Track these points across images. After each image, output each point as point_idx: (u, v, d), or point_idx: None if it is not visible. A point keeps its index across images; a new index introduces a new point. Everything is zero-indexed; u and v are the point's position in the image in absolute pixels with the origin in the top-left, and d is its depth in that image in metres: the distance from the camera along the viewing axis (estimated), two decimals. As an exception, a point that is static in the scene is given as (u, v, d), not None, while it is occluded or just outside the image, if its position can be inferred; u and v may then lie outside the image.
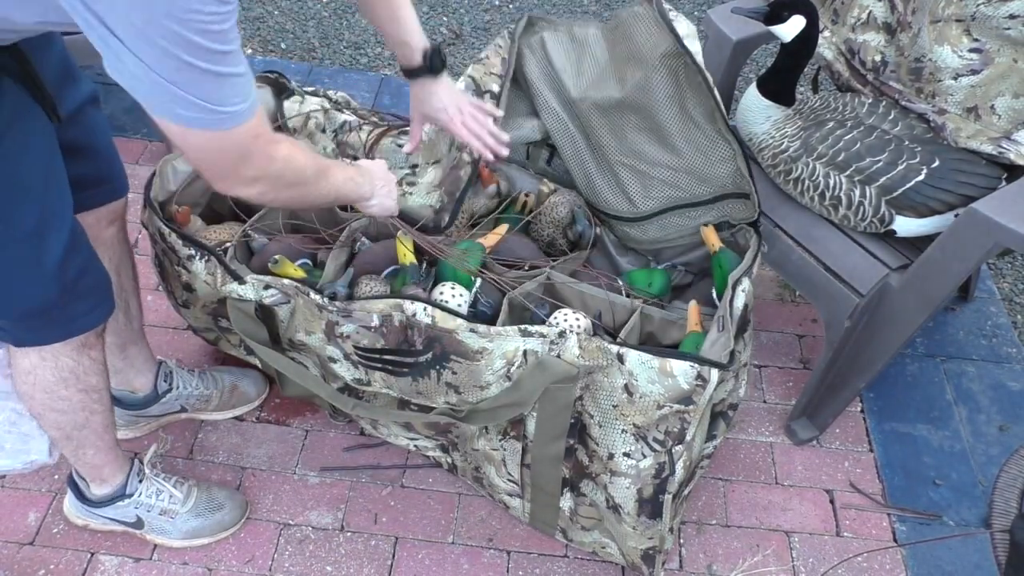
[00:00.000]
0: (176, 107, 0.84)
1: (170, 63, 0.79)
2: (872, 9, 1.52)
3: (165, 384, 1.55)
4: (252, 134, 0.93)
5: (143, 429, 1.58)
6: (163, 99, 0.83)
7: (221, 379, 1.62)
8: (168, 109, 0.84)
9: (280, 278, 1.31)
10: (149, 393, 1.54)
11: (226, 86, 0.85)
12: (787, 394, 1.76)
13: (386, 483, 1.57)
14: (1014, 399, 1.77)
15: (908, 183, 1.38)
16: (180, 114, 0.85)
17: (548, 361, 1.18)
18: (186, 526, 1.42)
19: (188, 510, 1.42)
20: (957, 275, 1.34)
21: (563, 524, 1.43)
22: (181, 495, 1.42)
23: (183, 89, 0.82)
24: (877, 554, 1.51)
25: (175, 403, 1.57)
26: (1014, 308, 1.99)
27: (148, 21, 0.76)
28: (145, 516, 1.40)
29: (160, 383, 1.54)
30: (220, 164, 0.95)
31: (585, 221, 1.51)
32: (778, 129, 1.48)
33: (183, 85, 0.82)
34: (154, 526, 1.41)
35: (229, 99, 0.86)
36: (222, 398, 1.61)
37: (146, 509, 1.40)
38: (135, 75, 0.81)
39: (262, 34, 2.64)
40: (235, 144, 0.92)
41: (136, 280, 1.44)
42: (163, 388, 1.55)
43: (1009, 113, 1.36)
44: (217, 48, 0.81)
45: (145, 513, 1.40)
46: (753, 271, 1.35)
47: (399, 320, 1.23)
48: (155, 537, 1.43)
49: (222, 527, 1.45)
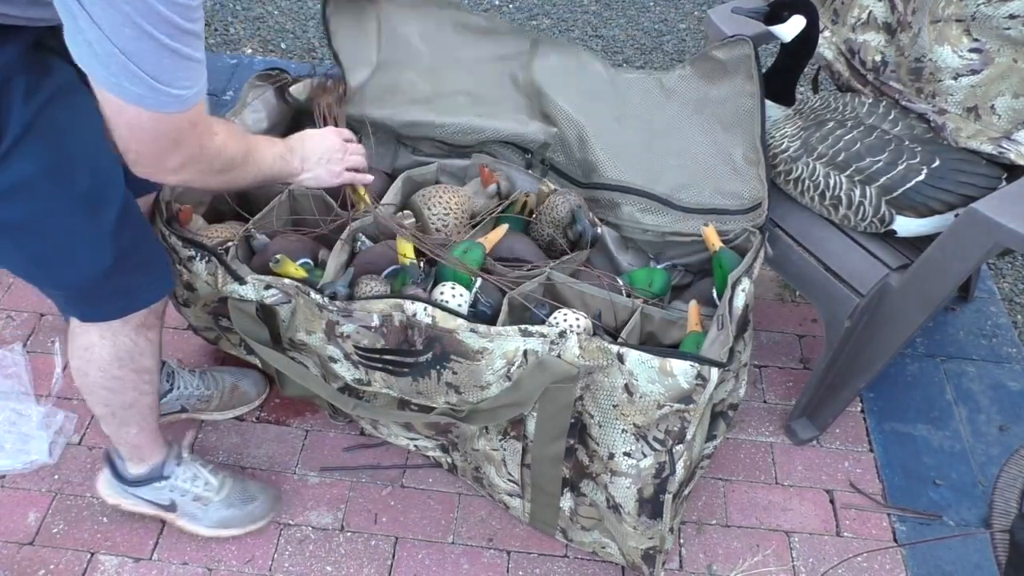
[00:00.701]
0: (123, 79, 0.82)
1: (128, 31, 0.77)
2: (872, 9, 1.52)
3: (167, 384, 1.55)
4: (191, 121, 0.91)
5: None
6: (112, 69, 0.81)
7: (221, 379, 1.62)
8: (114, 81, 0.82)
9: (281, 278, 1.31)
10: None
11: (180, 67, 0.84)
12: (787, 394, 1.76)
13: (386, 483, 1.57)
14: (1014, 399, 1.77)
15: (908, 183, 1.38)
16: (125, 87, 0.82)
17: (548, 361, 1.18)
18: (217, 515, 1.42)
19: (221, 499, 1.43)
20: (957, 275, 1.34)
21: (563, 524, 1.43)
22: (216, 483, 1.43)
23: (135, 61, 0.80)
24: (877, 554, 1.51)
25: (176, 403, 1.57)
26: (1014, 308, 1.99)
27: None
28: (179, 500, 1.41)
29: (162, 383, 1.54)
30: (149, 148, 0.93)
31: (585, 221, 1.51)
32: (778, 129, 1.48)
33: (136, 57, 0.80)
34: (186, 511, 1.42)
35: (179, 81, 0.85)
36: (222, 398, 1.61)
37: (180, 493, 1.40)
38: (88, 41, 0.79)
39: (262, 34, 2.64)
40: (171, 129, 0.91)
41: None
42: (164, 388, 1.54)
43: (1009, 113, 1.36)
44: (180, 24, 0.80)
45: (179, 497, 1.41)
46: (754, 271, 1.35)
47: (399, 320, 1.23)
48: (185, 523, 1.42)
49: (252, 519, 1.45)
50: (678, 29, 2.81)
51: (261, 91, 1.58)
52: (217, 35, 2.63)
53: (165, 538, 1.47)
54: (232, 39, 2.62)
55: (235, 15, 2.71)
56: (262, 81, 1.58)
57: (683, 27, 2.82)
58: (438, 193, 1.51)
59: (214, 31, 2.64)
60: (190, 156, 0.96)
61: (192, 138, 0.94)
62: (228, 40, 2.62)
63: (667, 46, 2.73)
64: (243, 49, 2.58)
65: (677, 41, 2.76)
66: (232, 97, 2.34)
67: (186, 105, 0.87)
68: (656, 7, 2.90)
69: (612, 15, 2.85)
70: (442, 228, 1.48)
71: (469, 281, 1.36)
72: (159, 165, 0.96)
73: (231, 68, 2.48)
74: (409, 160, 1.67)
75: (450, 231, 1.49)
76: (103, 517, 1.48)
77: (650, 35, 2.78)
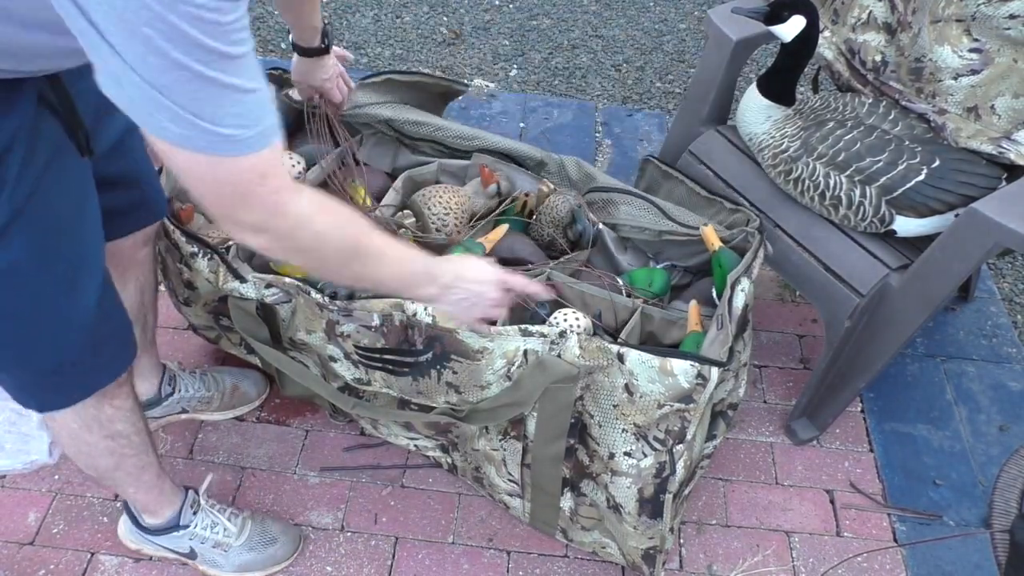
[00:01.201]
0: (161, 118, 0.69)
1: (155, 60, 0.65)
2: (872, 9, 1.52)
3: (169, 388, 1.55)
4: (258, 172, 0.76)
5: None
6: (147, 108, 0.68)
7: (222, 380, 1.62)
8: (153, 120, 0.69)
9: (282, 277, 1.32)
10: (152, 397, 1.54)
11: (225, 101, 0.69)
12: (787, 394, 1.76)
13: (386, 483, 1.57)
14: (1014, 399, 1.77)
15: (908, 183, 1.38)
16: (166, 127, 0.69)
17: (548, 361, 1.18)
18: (239, 559, 1.39)
19: (241, 544, 1.39)
20: (957, 275, 1.34)
21: (563, 524, 1.43)
22: (235, 528, 1.39)
23: (169, 96, 0.67)
24: (877, 554, 1.51)
25: (176, 405, 1.57)
26: (1014, 308, 1.99)
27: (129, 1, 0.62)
28: (199, 548, 1.37)
29: (164, 387, 1.54)
30: (213, 198, 0.78)
31: (585, 221, 1.51)
32: (778, 129, 1.48)
33: (169, 91, 0.67)
34: (207, 558, 1.38)
35: (227, 119, 0.70)
36: (223, 399, 1.61)
37: (200, 541, 1.37)
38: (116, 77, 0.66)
39: (262, 34, 2.64)
40: (232, 178, 0.75)
41: (156, 293, 1.43)
42: (166, 392, 1.55)
43: (1009, 113, 1.36)
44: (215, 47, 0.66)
45: (199, 545, 1.37)
46: (753, 271, 1.35)
47: (400, 319, 1.23)
48: (207, 569, 1.39)
49: (274, 561, 1.41)
50: (678, 29, 2.81)
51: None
52: (217, 35, 2.63)
53: (165, 538, 1.47)
54: (232, 39, 2.62)
55: (235, 15, 2.71)
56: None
57: (683, 27, 2.82)
58: (438, 193, 1.51)
59: (214, 31, 2.64)
60: (264, 217, 0.80)
61: (262, 194, 0.77)
62: (228, 40, 2.62)
63: (667, 46, 2.73)
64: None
65: (677, 41, 2.76)
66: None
67: (243, 149, 0.72)
68: (656, 7, 2.90)
69: (612, 15, 2.85)
70: (442, 228, 1.48)
71: (469, 281, 1.36)
72: (233, 220, 0.81)
73: (231, 68, 2.48)
74: (409, 160, 1.67)
75: (450, 231, 1.49)
76: (103, 517, 1.48)
77: (650, 35, 2.78)
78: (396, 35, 2.69)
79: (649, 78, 2.61)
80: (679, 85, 2.59)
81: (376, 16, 2.76)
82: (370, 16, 2.76)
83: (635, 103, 2.52)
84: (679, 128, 1.76)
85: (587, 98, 2.52)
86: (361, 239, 0.92)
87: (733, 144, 1.64)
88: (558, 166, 1.60)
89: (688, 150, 1.67)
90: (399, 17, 2.76)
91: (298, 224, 0.82)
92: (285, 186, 0.80)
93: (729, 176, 1.60)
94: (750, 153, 1.59)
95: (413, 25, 2.73)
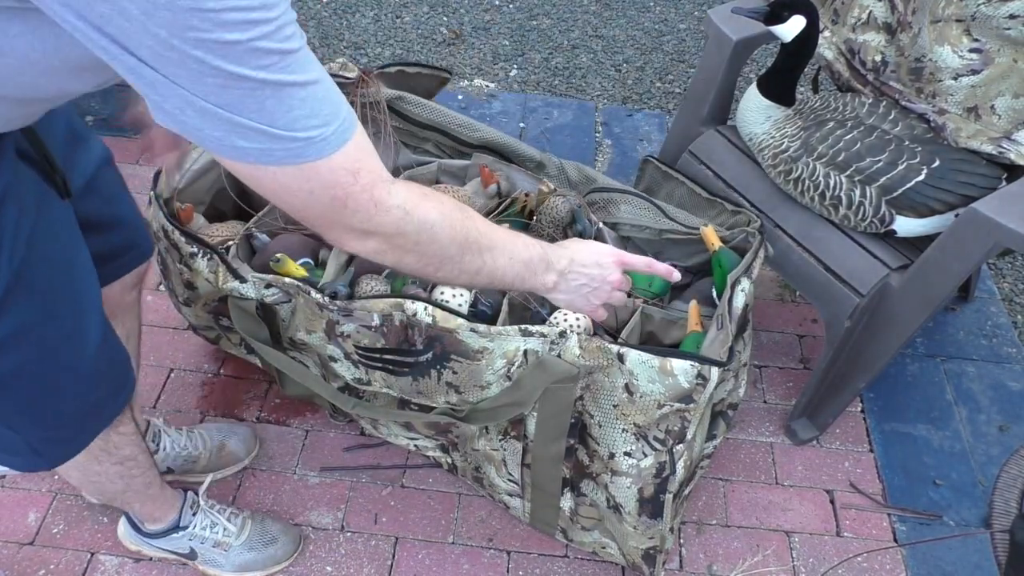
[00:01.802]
0: (235, 138, 0.65)
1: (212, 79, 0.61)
2: (872, 9, 1.52)
3: (153, 444, 1.47)
4: (349, 170, 0.71)
5: None
6: (215, 132, 0.64)
7: (209, 438, 1.53)
8: (227, 143, 0.65)
9: (281, 277, 1.32)
10: None
11: (294, 101, 0.65)
12: (787, 394, 1.76)
13: (386, 483, 1.57)
14: (1014, 399, 1.77)
15: (908, 183, 1.38)
16: (242, 147, 0.66)
17: (549, 361, 1.18)
18: (239, 559, 1.38)
19: (241, 543, 1.39)
20: (957, 275, 1.34)
21: (563, 524, 1.43)
22: (235, 528, 1.39)
23: (234, 112, 0.63)
24: (877, 554, 1.51)
25: (162, 464, 1.48)
26: (1014, 308, 1.99)
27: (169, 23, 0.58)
28: (199, 548, 1.37)
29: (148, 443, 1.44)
30: (313, 212, 0.74)
31: (585, 221, 1.51)
32: (778, 129, 1.48)
33: (235, 106, 0.63)
34: (207, 558, 1.38)
35: (300, 121, 0.66)
36: (210, 458, 1.53)
37: (199, 541, 1.36)
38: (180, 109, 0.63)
39: (262, 34, 2.64)
40: (324, 183, 0.71)
41: (140, 341, 1.39)
42: (151, 448, 1.46)
43: (1009, 113, 1.36)
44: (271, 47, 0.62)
45: (199, 545, 1.37)
46: (753, 271, 1.35)
47: (400, 319, 1.23)
48: (207, 568, 1.39)
49: (275, 561, 1.41)
50: (678, 29, 2.81)
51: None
52: (217, 35, 2.63)
53: (165, 538, 1.47)
54: (232, 39, 2.62)
55: (235, 15, 2.71)
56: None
57: (683, 27, 2.82)
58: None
59: (214, 31, 2.64)
60: (366, 216, 0.75)
61: (359, 192, 0.73)
62: (228, 40, 2.62)
63: (667, 46, 2.73)
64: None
65: (677, 41, 2.76)
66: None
67: (327, 149, 0.68)
68: (656, 7, 2.90)
69: (612, 15, 2.85)
70: None
71: (469, 281, 1.36)
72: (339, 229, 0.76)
73: (231, 68, 2.48)
74: (409, 160, 1.68)
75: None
76: (103, 517, 1.48)
77: (650, 35, 2.78)
78: (396, 35, 2.69)
79: (649, 78, 2.61)
80: (679, 85, 2.59)
81: (376, 16, 2.76)
82: (370, 16, 2.76)
83: (635, 103, 2.52)
84: (679, 128, 1.76)
85: (587, 98, 2.52)
86: (470, 227, 0.86)
87: (733, 144, 1.64)
88: (558, 168, 1.60)
89: (688, 150, 1.67)
90: (399, 17, 2.76)
91: (404, 217, 0.78)
92: (380, 178, 0.75)
93: (729, 176, 1.60)
94: (750, 153, 1.59)
95: (413, 25, 2.73)
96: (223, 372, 1.72)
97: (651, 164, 1.63)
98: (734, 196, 1.57)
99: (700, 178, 1.61)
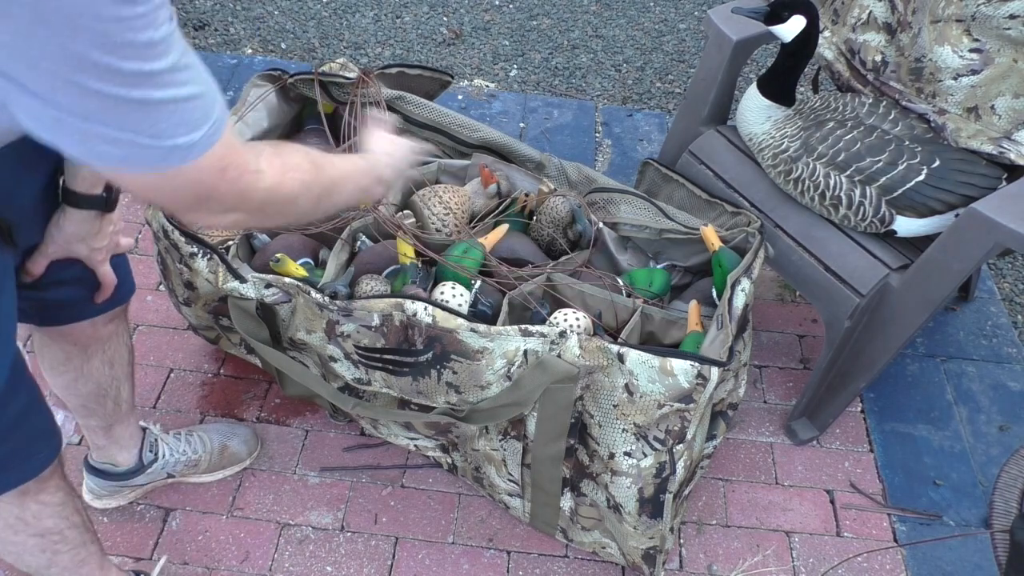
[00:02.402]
0: (96, 144, 0.61)
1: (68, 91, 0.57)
2: (872, 9, 1.52)
3: (151, 454, 1.45)
4: (216, 168, 0.69)
5: (127, 497, 1.49)
6: (75, 137, 0.60)
7: (209, 440, 1.51)
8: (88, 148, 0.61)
9: (281, 277, 1.32)
10: (132, 466, 1.44)
11: (163, 115, 0.61)
12: (787, 394, 1.76)
13: (386, 483, 1.57)
14: (1014, 399, 1.77)
15: (908, 183, 1.38)
16: (104, 151, 0.61)
17: (549, 361, 1.18)
18: None
19: None
20: (957, 275, 1.34)
21: (563, 524, 1.43)
22: None
23: (98, 122, 0.59)
24: (877, 554, 1.51)
25: (161, 472, 1.47)
26: (1014, 308, 1.99)
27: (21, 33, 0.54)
28: None
29: (145, 454, 1.44)
30: (178, 206, 0.73)
31: (585, 221, 1.51)
32: (778, 129, 1.48)
33: (96, 116, 0.59)
34: None
35: (169, 130, 0.62)
36: (211, 460, 1.51)
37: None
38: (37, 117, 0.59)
39: (262, 34, 2.64)
40: (192, 183, 0.68)
41: (132, 363, 1.33)
42: (148, 459, 1.45)
43: (1009, 113, 1.36)
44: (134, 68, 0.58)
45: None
46: (754, 271, 1.35)
47: (400, 320, 1.23)
48: None
49: None
50: (678, 29, 2.81)
51: (262, 91, 1.58)
52: (217, 35, 2.63)
53: (165, 538, 1.46)
54: (232, 39, 2.62)
55: (235, 15, 2.71)
56: (264, 81, 1.59)
57: (683, 27, 2.82)
58: (438, 193, 1.51)
59: (214, 31, 2.64)
60: (232, 203, 0.75)
61: (226, 187, 0.71)
62: (228, 40, 2.62)
63: (667, 46, 2.73)
64: (243, 49, 2.58)
65: (677, 41, 2.76)
66: (232, 97, 2.34)
67: (196, 152, 0.65)
68: (656, 7, 2.90)
69: (612, 15, 2.85)
70: (442, 228, 1.48)
71: (469, 281, 1.36)
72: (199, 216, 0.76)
73: (231, 68, 2.47)
74: (409, 160, 1.68)
75: (450, 231, 1.49)
76: (103, 517, 1.48)
77: (650, 35, 2.78)
78: (396, 35, 2.69)
79: (649, 78, 2.61)
80: (679, 85, 2.59)
81: (376, 16, 2.76)
82: (370, 16, 2.76)
83: (635, 103, 2.52)
84: (679, 128, 1.76)
85: (587, 98, 2.52)
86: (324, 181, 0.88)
87: (733, 144, 1.64)
88: (558, 169, 1.60)
89: (688, 150, 1.67)
90: (399, 17, 2.76)
91: (268, 196, 0.78)
92: (245, 169, 0.73)
93: (729, 176, 1.60)
94: (750, 153, 1.59)
95: (413, 25, 2.73)
96: (223, 372, 1.72)
97: (651, 166, 1.63)
98: (734, 196, 1.57)
99: (700, 178, 1.61)
